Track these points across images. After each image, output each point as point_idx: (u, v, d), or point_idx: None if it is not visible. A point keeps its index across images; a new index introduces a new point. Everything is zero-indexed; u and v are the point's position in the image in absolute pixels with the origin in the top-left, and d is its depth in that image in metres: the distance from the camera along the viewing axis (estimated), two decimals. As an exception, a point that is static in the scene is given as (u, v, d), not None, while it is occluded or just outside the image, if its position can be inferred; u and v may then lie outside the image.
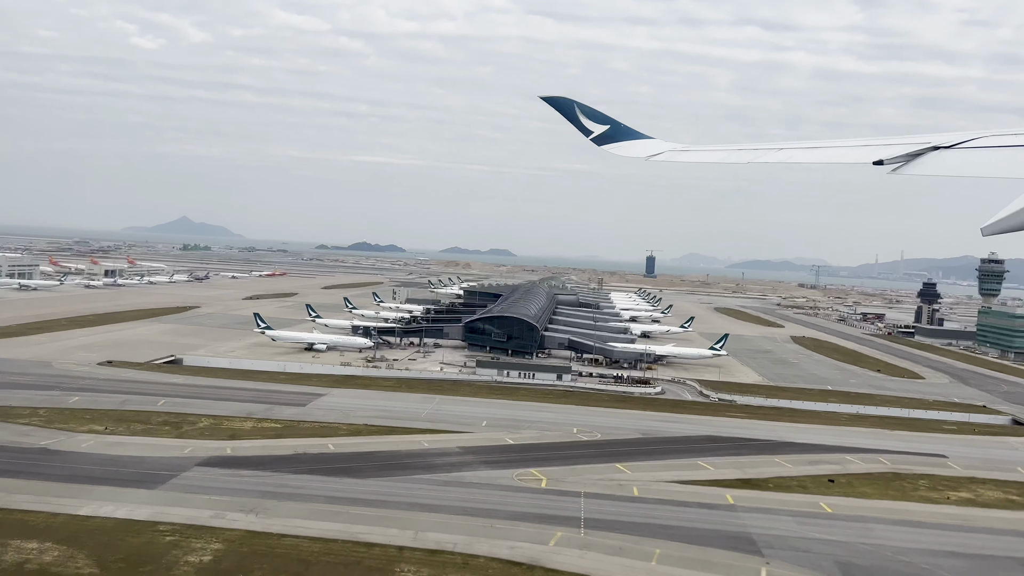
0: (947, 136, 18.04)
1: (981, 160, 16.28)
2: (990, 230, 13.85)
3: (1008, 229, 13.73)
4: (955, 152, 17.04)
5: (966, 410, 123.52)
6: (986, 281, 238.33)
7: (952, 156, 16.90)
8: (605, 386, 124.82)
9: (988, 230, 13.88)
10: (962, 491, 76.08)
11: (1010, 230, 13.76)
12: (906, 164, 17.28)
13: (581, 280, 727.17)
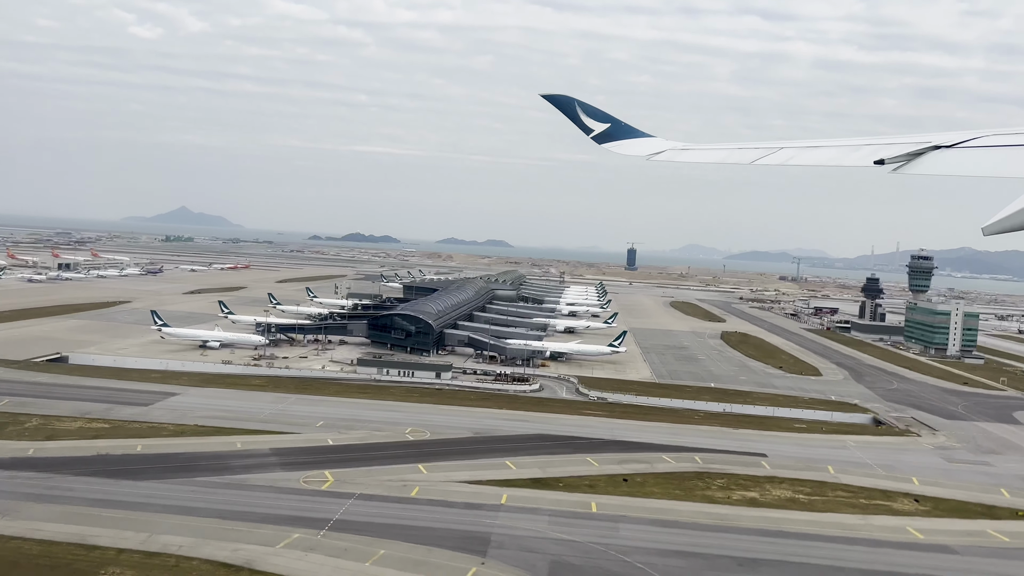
0: (948, 135, 18.20)
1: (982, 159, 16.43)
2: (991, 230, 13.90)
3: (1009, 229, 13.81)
4: (956, 151, 17.20)
5: (833, 408, 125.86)
6: (915, 277, 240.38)
7: (953, 156, 17.06)
8: (482, 384, 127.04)
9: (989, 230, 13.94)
10: (752, 491, 78.49)
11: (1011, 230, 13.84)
12: (907, 164, 17.42)
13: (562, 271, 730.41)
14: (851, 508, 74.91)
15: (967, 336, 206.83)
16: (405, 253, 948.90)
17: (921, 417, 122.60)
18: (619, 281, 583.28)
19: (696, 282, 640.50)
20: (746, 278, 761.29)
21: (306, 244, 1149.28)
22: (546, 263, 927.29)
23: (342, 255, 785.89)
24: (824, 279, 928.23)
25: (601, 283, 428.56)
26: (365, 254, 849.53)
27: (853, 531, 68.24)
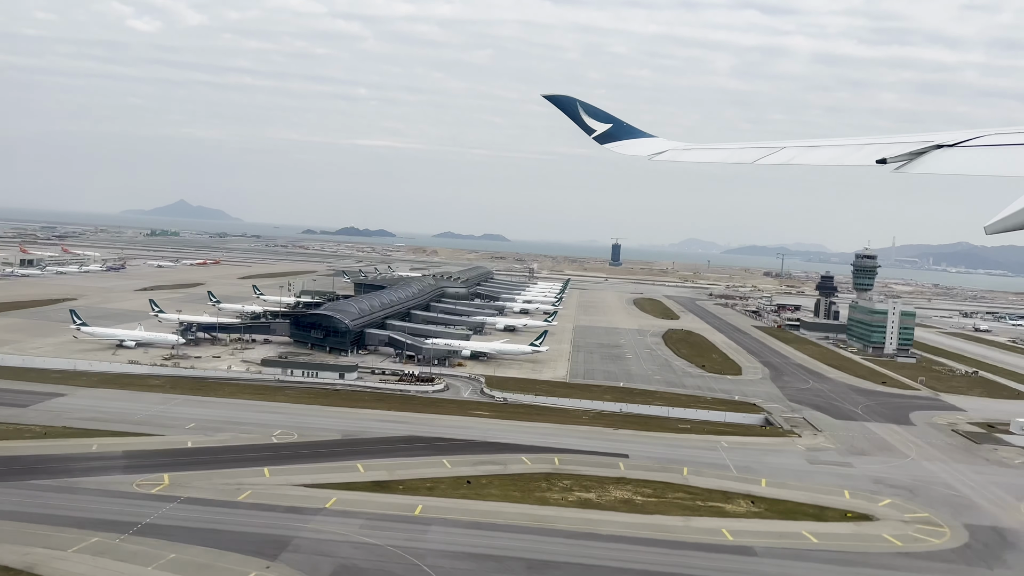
0: (950, 134, 18.16)
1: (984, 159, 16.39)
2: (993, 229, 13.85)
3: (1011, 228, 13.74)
4: (958, 151, 17.16)
5: (730, 408, 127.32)
6: (859, 276, 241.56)
7: (955, 155, 17.04)
8: (384, 384, 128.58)
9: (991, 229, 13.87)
10: (592, 492, 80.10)
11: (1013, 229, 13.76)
12: (909, 163, 17.39)
13: (544, 265, 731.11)
14: (681, 510, 76.62)
15: (903, 335, 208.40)
16: (390, 248, 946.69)
17: (814, 417, 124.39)
18: (597, 277, 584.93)
19: (676, 278, 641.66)
20: (728, 274, 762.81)
21: (296, 239, 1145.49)
22: (532, 258, 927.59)
23: (326, 250, 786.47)
24: (811, 275, 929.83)
25: (568, 280, 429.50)
26: (351, 249, 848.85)
27: (667, 533, 69.94)
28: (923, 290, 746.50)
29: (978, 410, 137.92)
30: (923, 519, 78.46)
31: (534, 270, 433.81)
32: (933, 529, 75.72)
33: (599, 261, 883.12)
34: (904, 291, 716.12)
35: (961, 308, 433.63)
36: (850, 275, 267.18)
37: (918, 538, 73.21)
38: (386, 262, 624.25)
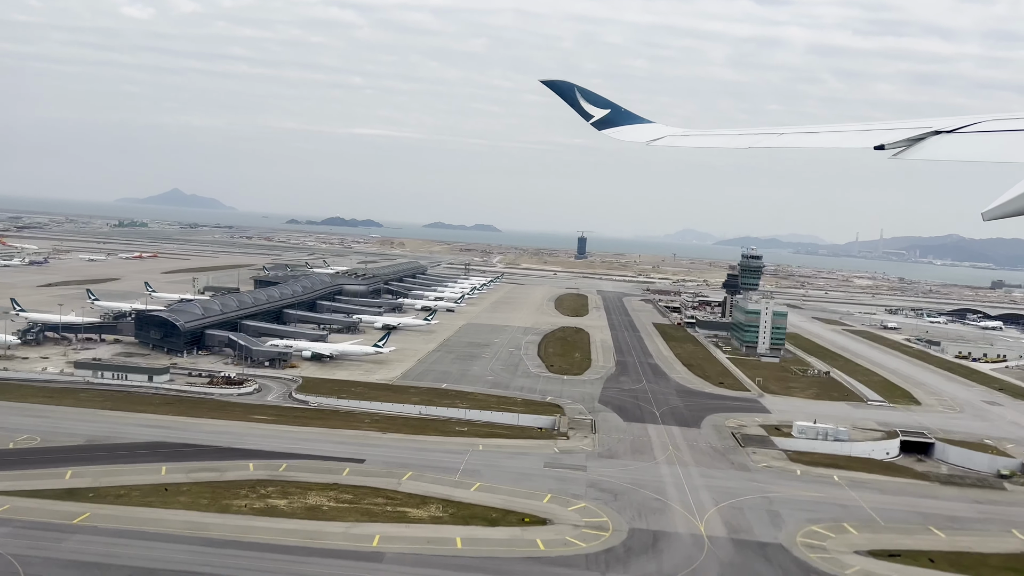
0: (948, 120, 17.87)
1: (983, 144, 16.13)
2: (991, 215, 13.58)
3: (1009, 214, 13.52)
4: (956, 136, 16.89)
5: (532, 409, 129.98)
6: (745, 276, 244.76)
7: (954, 140, 16.76)
8: (191, 387, 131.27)
9: (989, 215, 13.60)
10: (288, 499, 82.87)
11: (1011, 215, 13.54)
12: (907, 148, 17.19)
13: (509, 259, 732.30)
14: (359, 516, 79.43)
15: (775, 334, 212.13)
16: (360, 240, 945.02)
17: (606, 419, 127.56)
18: (549, 271, 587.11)
19: (635, 272, 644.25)
20: (685, 268, 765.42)
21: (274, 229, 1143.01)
22: (501, 250, 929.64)
23: (290, 241, 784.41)
24: (785, 268, 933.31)
25: (502, 274, 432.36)
26: (315, 240, 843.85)
27: (312, 539, 72.60)
28: (883, 283, 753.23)
29: (786, 412, 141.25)
30: (597, 523, 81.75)
31: (470, 265, 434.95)
32: (595, 533, 79.09)
33: (567, 254, 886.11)
34: (862, 285, 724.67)
35: (898, 304, 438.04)
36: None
37: (569, 542, 76.58)
38: (347, 254, 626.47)
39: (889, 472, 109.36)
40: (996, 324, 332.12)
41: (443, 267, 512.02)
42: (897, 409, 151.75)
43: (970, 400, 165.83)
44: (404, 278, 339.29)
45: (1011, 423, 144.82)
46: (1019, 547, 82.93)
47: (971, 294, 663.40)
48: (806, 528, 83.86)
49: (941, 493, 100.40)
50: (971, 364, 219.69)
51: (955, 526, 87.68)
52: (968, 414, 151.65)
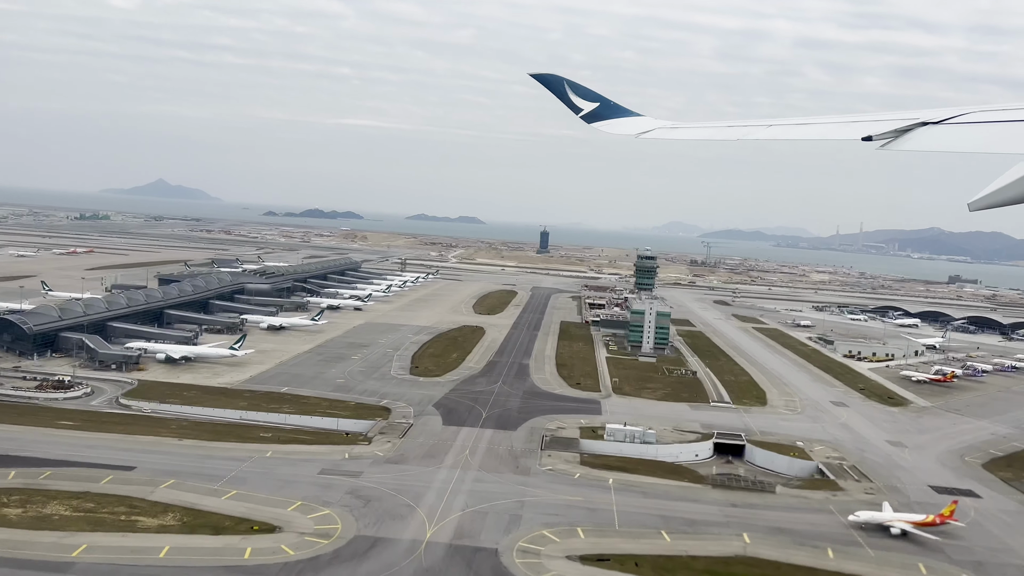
0: (935, 112, 17.99)
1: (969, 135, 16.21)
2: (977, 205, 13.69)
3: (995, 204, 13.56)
4: (943, 128, 16.95)
5: (360, 414, 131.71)
6: (640, 276, 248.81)
7: (940, 132, 16.83)
8: (15, 391, 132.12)
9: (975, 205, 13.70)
10: (29, 507, 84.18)
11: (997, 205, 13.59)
12: (895, 140, 17.25)
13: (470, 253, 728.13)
14: (85, 525, 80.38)
15: (659, 334, 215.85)
16: (323, 232, 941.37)
17: (426, 422, 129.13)
18: (497, 266, 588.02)
19: (588, 267, 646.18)
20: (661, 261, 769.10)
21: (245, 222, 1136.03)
22: (464, 243, 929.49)
23: (250, 235, 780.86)
24: (749, 262, 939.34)
25: (437, 269, 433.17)
26: (276, 234, 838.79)
27: (14, 549, 74.30)
28: (841, 278, 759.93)
29: (618, 413, 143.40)
30: (324, 531, 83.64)
31: (405, 260, 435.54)
32: (314, 541, 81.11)
33: (533, 247, 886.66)
34: (817, 279, 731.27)
35: (836, 300, 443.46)
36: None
37: (280, 550, 78.36)
38: (295, 248, 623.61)
39: (673, 475, 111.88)
40: (913, 321, 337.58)
41: (390, 262, 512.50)
42: (737, 410, 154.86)
43: (819, 401, 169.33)
44: (328, 275, 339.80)
45: (840, 425, 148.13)
46: (738, 550, 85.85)
47: (922, 289, 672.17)
48: (536, 533, 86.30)
49: (704, 496, 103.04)
50: (854, 363, 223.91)
51: (689, 530, 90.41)
52: (805, 415, 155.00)
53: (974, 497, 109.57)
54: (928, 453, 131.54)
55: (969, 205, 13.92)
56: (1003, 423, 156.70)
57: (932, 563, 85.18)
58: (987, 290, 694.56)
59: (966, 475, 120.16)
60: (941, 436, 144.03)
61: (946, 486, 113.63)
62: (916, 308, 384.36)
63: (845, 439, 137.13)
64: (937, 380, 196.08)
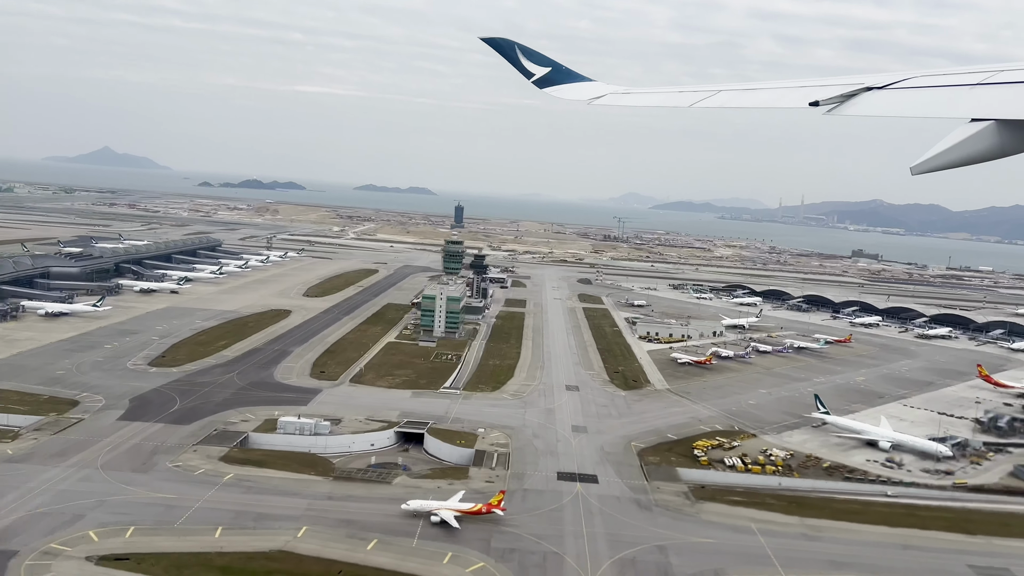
0: (880, 77, 18.16)
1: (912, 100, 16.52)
2: (919, 169, 13.99)
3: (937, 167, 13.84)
4: (888, 92, 17.26)
5: (43, 409, 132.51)
6: (447, 261, 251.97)
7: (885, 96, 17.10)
8: None
9: (917, 169, 14.00)
10: None
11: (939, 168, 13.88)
12: (841, 104, 17.49)
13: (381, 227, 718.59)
14: None
15: (450, 318, 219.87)
16: (237, 206, 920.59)
17: (103, 418, 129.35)
18: (389, 242, 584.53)
19: (489, 243, 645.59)
20: (561, 238, 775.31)
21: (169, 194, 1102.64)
22: (381, 217, 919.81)
23: (150, 210, 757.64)
24: (667, 237, 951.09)
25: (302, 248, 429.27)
26: (180, 207, 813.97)
27: None
28: (747, 253, 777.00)
29: (326, 404, 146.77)
30: None
31: (272, 239, 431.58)
32: None
33: (446, 218, 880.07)
34: (723, 254, 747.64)
35: (708, 278, 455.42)
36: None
37: None
38: (186, 224, 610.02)
39: (307, 468, 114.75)
40: (754, 300, 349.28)
41: (278, 238, 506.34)
42: (457, 397, 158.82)
43: (556, 385, 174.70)
44: (174, 254, 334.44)
45: (545, 410, 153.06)
46: (281, 545, 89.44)
47: (816, 264, 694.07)
48: (79, 534, 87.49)
49: (311, 489, 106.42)
50: (643, 345, 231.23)
51: (252, 525, 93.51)
52: (522, 400, 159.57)
53: (593, 483, 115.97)
54: (601, 439, 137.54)
55: (911, 169, 14.39)
56: (716, 407, 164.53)
57: (459, 551, 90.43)
58: (879, 265, 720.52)
59: (611, 461, 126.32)
60: (635, 421, 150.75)
61: (577, 472, 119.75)
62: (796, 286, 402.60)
63: (532, 425, 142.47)
64: (699, 362, 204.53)
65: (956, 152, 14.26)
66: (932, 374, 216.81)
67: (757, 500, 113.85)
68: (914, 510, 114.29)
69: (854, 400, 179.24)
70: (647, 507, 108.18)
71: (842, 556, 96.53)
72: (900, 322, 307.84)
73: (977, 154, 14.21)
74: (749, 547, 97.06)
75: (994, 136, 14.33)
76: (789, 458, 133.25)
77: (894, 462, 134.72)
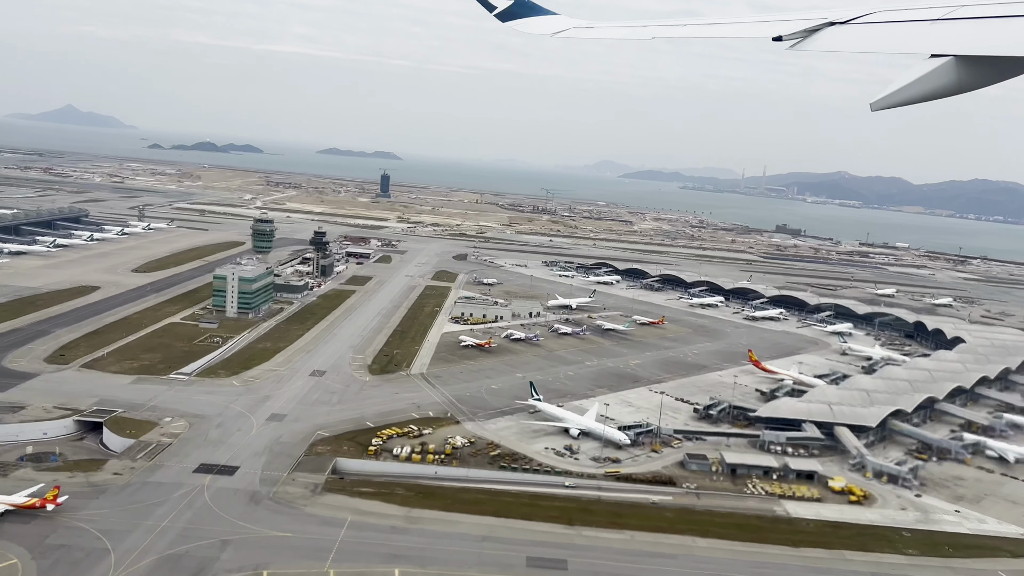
0: (842, 11, 17.87)
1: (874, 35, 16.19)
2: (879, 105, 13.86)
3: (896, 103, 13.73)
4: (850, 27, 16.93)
5: None
6: (256, 239, 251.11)
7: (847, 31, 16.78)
8: None
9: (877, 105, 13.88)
10: None
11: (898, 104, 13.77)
12: (803, 40, 17.24)
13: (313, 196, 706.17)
14: None
15: (242, 298, 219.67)
16: (164, 170, 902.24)
17: None
18: (297, 213, 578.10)
19: (400, 215, 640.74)
20: (481, 210, 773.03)
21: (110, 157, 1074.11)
22: (314, 186, 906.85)
23: (68, 174, 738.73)
24: (599, 210, 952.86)
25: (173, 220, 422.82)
26: (93, 172, 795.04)
27: None
28: (675, 227, 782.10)
29: (36, 391, 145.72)
30: None
31: (143, 209, 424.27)
32: None
33: (372, 185, 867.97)
34: (648, 227, 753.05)
35: (596, 254, 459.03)
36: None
37: None
38: (100, 190, 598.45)
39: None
40: (614, 279, 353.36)
41: (179, 207, 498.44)
42: (184, 384, 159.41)
43: (301, 370, 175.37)
44: (23, 226, 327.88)
45: (260, 397, 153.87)
46: None
47: (729, 240, 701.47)
48: None
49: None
50: (451, 325, 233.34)
51: None
52: (250, 387, 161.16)
53: (228, 476, 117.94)
54: (288, 428, 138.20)
55: (871, 105, 14.38)
56: (452, 392, 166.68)
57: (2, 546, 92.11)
58: (792, 241, 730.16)
59: (274, 451, 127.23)
60: (348, 408, 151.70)
61: (219, 464, 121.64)
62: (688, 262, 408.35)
63: (230, 413, 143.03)
64: (479, 345, 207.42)
65: (915, 88, 14.25)
66: (717, 358, 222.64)
67: (387, 491, 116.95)
68: (537, 499, 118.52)
69: (603, 384, 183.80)
70: (258, 500, 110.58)
71: (409, 549, 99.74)
72: (742, 302, 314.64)
73: (936, 90, 14.15)
74: (319, 540, 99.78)
75: (952, 72, 14.23)
76: (467, 445, 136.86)
77: (571, 450, 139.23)
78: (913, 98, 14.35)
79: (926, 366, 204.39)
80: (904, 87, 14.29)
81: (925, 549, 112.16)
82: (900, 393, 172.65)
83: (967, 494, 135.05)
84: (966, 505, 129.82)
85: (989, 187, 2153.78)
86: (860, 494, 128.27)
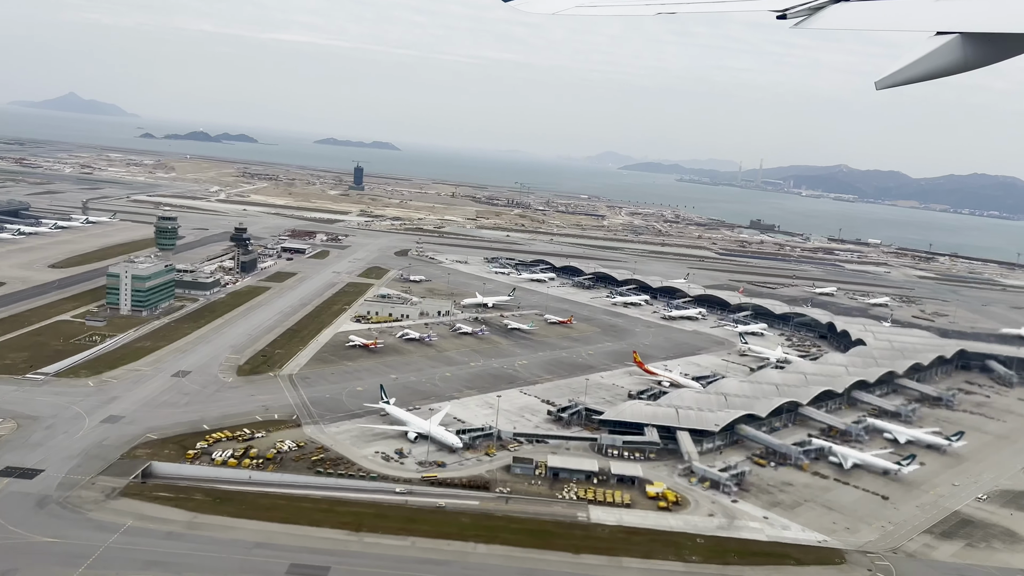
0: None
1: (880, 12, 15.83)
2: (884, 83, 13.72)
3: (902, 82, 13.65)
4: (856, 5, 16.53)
5: None
6: (159, 236, 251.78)
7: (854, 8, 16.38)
8: None
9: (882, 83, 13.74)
10: None
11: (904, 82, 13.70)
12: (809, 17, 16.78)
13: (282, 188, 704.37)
14: None
15: (136, 296, 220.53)
16: (142, 162, 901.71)
17: None
18: (256, 206, 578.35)
19: (362, 208, 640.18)
20: (449, 204, 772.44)
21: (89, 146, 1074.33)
22: (297, 176, 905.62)
23: (38, 165, 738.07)
24: (574, 203, 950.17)
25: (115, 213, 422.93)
26: (63, 163, 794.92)
27: None
28: (646, 222, 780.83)
29: None
30: None
31: (87, 203, 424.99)
32: None
33: (347, 176, 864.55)
34: (618, 222, 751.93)
35: (552, 250, 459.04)
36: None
37: None
38: (62, 181, 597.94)
39: None
40: (548, 276, 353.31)
41: (139, 199, 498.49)
42: (36, 384, 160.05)
43: (165, 370, 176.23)
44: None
45: (107, 398, 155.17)
46: None
47: (696, 236, 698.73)
48: None
49: None
50: (352, 324, 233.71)
51: None
52: (104, 388, 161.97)
53: (29, 478, 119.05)
54: (121, 431, 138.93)
55: (876, 84, 14.25)
56: (309, 395, 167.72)
57: None
58: (760, 237, 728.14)
59: (91, 455, 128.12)
60: (194, 410, 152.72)
61: (23, 467, 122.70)
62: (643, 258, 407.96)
63: (65, 415, 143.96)
64: (365, 345, 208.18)
65: (921, 66, 14.16)
66: (609, 358, 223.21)
67: (184, 496, 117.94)
68: (336, 504, 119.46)
69: (475, 386, 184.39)
70: (44, 505, 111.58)
71: (172, 556, 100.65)
72: (666, 301, 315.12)
73: (941, 68, 14.11)
74: (82, 546, 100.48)
75: (958, 50, 14.21)
76: (294, 449, 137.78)
77: (400, 454, 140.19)
78: (918, 76, 14.31)
79: (806, 369, 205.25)
80: (909, 64, 14.24)
81: (709, 556, 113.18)
82: (761, 397, 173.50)
83: (786, 500, 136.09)
84: (779, 511, 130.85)
85: (987, 182, 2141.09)
86: (672, 499, 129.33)
